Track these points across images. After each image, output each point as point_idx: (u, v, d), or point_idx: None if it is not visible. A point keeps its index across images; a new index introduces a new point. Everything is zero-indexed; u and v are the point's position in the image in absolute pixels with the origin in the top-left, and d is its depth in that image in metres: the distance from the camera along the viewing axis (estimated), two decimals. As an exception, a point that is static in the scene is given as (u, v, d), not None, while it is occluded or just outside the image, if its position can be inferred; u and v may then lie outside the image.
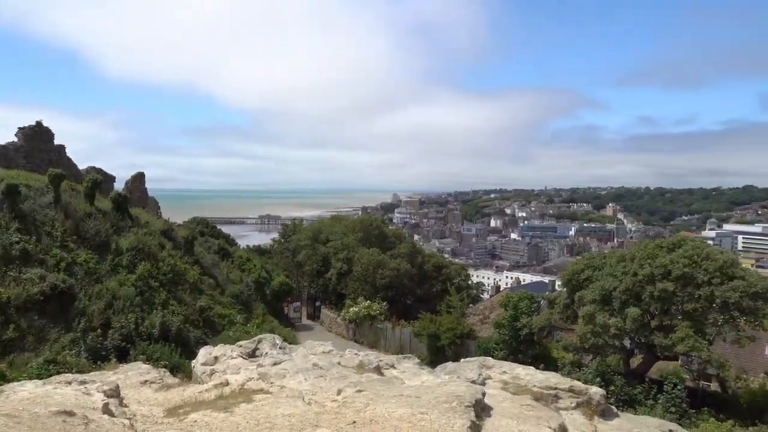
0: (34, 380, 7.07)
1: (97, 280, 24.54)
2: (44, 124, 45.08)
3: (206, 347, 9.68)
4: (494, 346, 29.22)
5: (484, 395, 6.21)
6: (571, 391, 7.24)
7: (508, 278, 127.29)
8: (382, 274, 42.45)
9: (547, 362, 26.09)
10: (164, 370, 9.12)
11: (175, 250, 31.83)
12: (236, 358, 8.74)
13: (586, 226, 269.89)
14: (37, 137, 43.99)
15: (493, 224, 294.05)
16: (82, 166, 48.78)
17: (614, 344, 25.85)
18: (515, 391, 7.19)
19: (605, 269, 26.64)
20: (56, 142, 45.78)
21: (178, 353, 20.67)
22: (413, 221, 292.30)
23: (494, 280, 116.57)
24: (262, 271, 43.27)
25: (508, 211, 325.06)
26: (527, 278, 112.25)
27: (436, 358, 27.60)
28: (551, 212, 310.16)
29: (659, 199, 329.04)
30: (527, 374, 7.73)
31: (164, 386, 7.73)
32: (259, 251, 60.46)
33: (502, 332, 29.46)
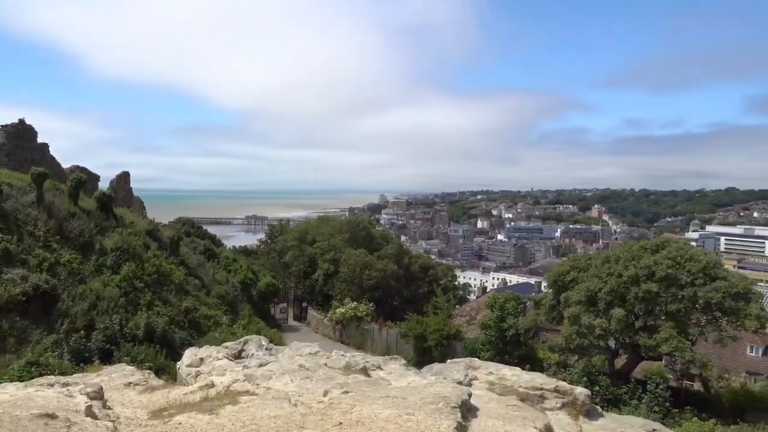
0: (15, 382, 6.97)
1: (80, 280, 24.23)
2: (27, 122, 44.55)
3: (192, 348, 9.59)
4: (481, 347, 29.34)
5: (470, 396, 6.23)
6: (556, 391, 7.28)
7: (494, 279, 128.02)
8: (368, 275, 42.45)
9: (533, 363, 26.24)
10: (149, 371, 9.02)
11: (160, 250, 31.54)
12: (222, 359, 8.68)
13: (571, 227, 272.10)
14: (19, 135, 43.46)
15: (479, 225, 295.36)
16: (65, 165, 48.32)
17: (599, 345, 26.09)
18: (501, 391, 7.22)
19: (590, 270, 26.87)
20: (39, 140, 45.26)
21: (163, 355, 20.48)
22: (400, 222, 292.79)
23: (481, 281, 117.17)
24: (248, 271, 43.06)
25: (494, 212, 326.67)
26: (514, 279, 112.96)
27: (422, 359, 27.62)
28: (537, 214, 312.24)
29: (644, 200, 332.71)
30: (513, 375, 7.76)
31: (149, 388, 7.65)
32: (245, 252, 60.22)
33: (488, 333, 29.59)
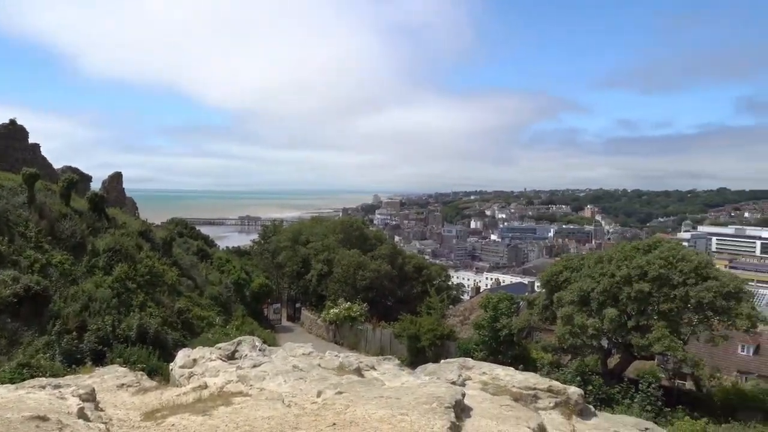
0: (6, 385, 6.93)
1: (72, 281, 24.09)
2: (18, 122, 44.27)
3: (185, 350, 9.56)
4: (474, 347, 29.38)
5: (463, 396, 6.24)
6: (549, 391, 7.31)
7: (487, 279, 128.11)
8: (362, 275, 42.41)
9: (526, 363, 26.32)
10: (141, 373, 8.98)
11: (153, 251, 31.42)
12: (215, 360, 8.66)
13: (565, 227, 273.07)
14: (10, 135, 43.19)
15: (473, 226, 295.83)
16: (57, 165, 48.10)
17: (592, 344, 26.18)
18: (495, 391, 7.23)
19: (583, 270, 26.97)
20: (30, 140, 45.01)
21: (155, 356, 20.37)
22: (394, 222, 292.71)
23: (474, 281, 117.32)
24: (241, 272, 42.94)
25: (488, 212, 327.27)
26: (507, 279, 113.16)
27: (416, 359, 27.65)
28: (531, 214, 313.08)
29: (636, 201, 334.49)
30: (507, 375, 7.78)
31: (141, 390, 7.62)
32: (238, 252, 60.04)
33: (482, 333, 29.64)
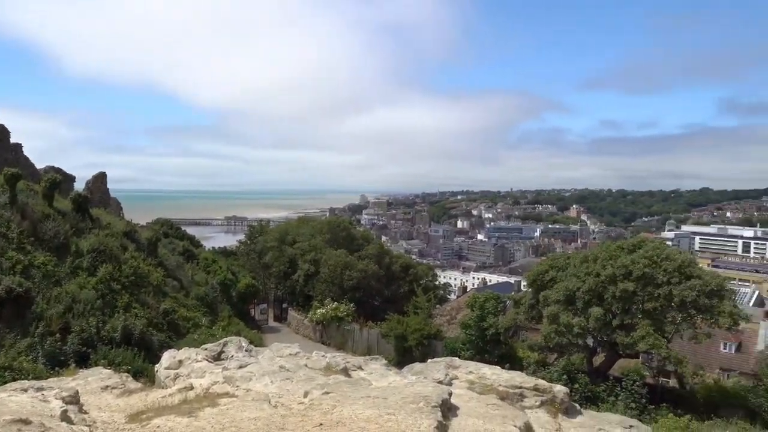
0: (-13, 387, 6.81)
1: (55, 283, 23.81)
2: (-1, 121, 43.56)
3: (170, 351, 9.48)
4: (461, 346, 29.48)
5: (450, 395, 6.26)
6: (535, 389, 7.35)
7: (474, 279, 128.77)
8: (349, 275, 42.41)
9: (512, 362, 26.46)
10: (126, 374, 8.89)
11: (138, 251, 31.16)
12: (201, 361, 8.59)
13: (550, 227, 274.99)
14: (-9, 135, 42.49)
15: (459, 225, 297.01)
16: (40, 165, 47.39)
17: (578, 343, 26.40)
18: (481, 390, 7.26)
19: (569, 270, 27.18)
20: (12, 140, 44.32)
21: (141, 357, 20.22)
22: (381, 222, 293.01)
23: (461, 280, 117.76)
24: (227, 272, 42.74)
25: (474, 212, 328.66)
26: (493, 279, 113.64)
27: (403, 358, 27.68)
28: (517, 214, 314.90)
29: (621, 200, 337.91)
30: (493, 374, 7.82)
31: (126, 391, 7.55)
32: (224, 253, 59.76)
33: (468, 332, 29.75)
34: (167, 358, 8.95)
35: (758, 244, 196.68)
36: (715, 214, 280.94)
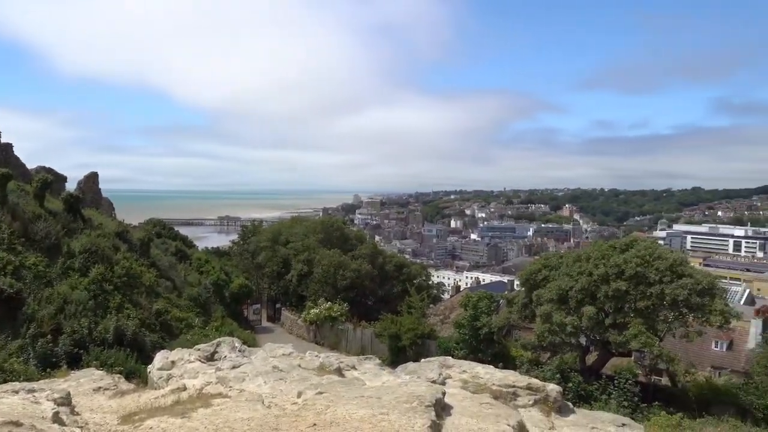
0: (-22, 389, 6.76)
1: (47, 283, 23.65)
2: (-10, 121, 43.24)
3: (163, 351, 9.46)
4: (454, 345, 29.54)
5: (444, 395, 6.27)
6: (529, 388, 7.37)
7: (468, 278, 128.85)
8: (343, 275, 42.37)
9: (506, 361, 26.55)
10: (119, 376, 8.86)
11: (130, 252, 31.01)
12: (194, 362, 8.57)
13: (543, 226, 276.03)
14: (-19, 135, 42.11)
15: (453, 225, 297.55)
16: (31, 165, 46.98)
17: (571, 342, 26.50)
18: (475, 389, 7.28)
19: (562, 269, 27.27)
20: (3, 140, 43.98)
21: (133, 358, 20.12)
22: (374, 222, 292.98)
23: (454, 280, 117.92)
24: (221, 273, 42.60)
25: (467, 212, 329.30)
26: (487, 278, 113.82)
27: (397, 358, 27.71)
28: (510, 213, 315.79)
29: (613, 200, 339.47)
30: (486, 373, 7.83)
31: (119, 393, 7.51)
32: (217, 253, 59.57)
33: (462, 332, 29.81)
34: (160, 358, 8.92)
35: (749, 243, 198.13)
36: (706, 213, 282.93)
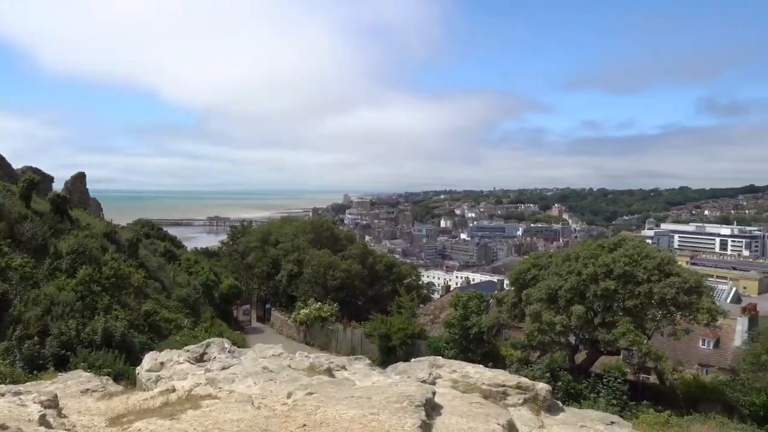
0: (-37, 392, 6.68)
1: (33, 285, 23.45)
2: (-25, 121, 42.75)
3: (152, 353, 9.40)
4: (444, 345, 29.60)
5: (434, 394, 6.28)
6: (518, 387, 7.40)
7: (457, 278, 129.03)
8: (333, 275, 42.32)
9: (496, 360, 26.63)
10: (107, 377, 8.81)
11: (118, 253, 30.79)
12: (183, 363, 8.53)
13: (533, 226, 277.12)
14: (-34, 135, 41.65)
15: (443, 225, 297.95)
16: (17, 165, 46.44)
17: (560, 341, 26.64)
18: (465, 389, 7.29)
19: (551, 268, 27.40)
20: (-12, 140, 43.49)
21: (122, 360, 19.99)
22: (364, 222, 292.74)
23: (444, 280, 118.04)
24: (210, 273, 42.41)
25: (457, 211, 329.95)
26: (477, 278, 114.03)
27: (387, 358, 27.72)
28: (499, 213, 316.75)
29: (602, 199, 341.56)
30: (476, 372, 7.85)
31: (107, 394, 7.46)
32: (207, 253, 59.34)
33: (452, 331, 29.87)
34: (149, 360, 8.86)
35: (735, 241, 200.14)
36: (693, 212, 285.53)
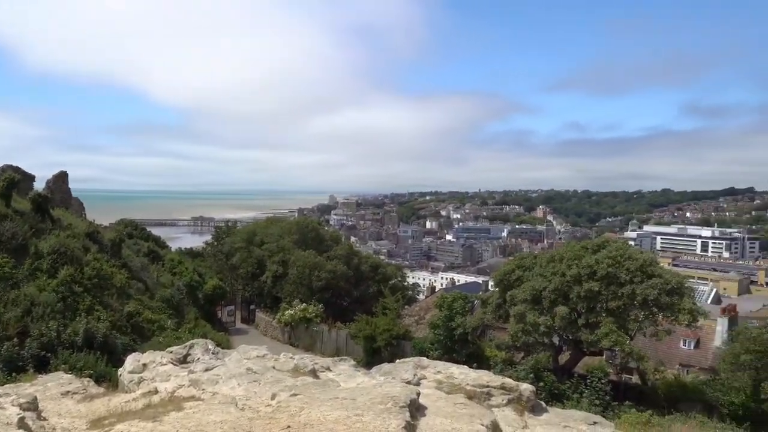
0: (-60, 395, 6.56)
1: (13, 285, 23.12)
2: (-46, 118, 42.08)
3: (134, 354, 9.30)
4: (429, 346, 29.67)
5: (418, 395, 6.29)
6: (502, 388, 7.43)
7: (443, 279, 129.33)
8: (318, 276, 42.23)
9: (480, 361, 26.75)
10: (88, 379, 8.70)
11: (100, 253, 30.44)
12: (166, 364, 8.45)
13: (518, 227, 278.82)
14: (-55, 133, 40.96)
15: (428, 226, 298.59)
16: (-3, 164, 45.81)
17: (544, 342, 26.85)
18: (449, 390, 7.32)
19: (535, 270, 27.62)
20: (-33, 138, 42.81)
21: (104, 361, 19.76)
22: (350, 223, 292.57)
23: (429, 281, 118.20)
24: (194, 274, 42.07)
25: (443, 213, 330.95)
26: (462, 279, 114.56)
27: (372, 359, 27.71)
28: (485, 214, 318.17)
29: (586, 201, 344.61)
30: (461, 373, 7.88)
31: (88, 397, 7.37)
32: (191, 254, 58.86)
33: (437, 332, 29.96)
34: (131, 361, 8.77)
35: (715, 243, 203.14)
36: (675, 214, 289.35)
